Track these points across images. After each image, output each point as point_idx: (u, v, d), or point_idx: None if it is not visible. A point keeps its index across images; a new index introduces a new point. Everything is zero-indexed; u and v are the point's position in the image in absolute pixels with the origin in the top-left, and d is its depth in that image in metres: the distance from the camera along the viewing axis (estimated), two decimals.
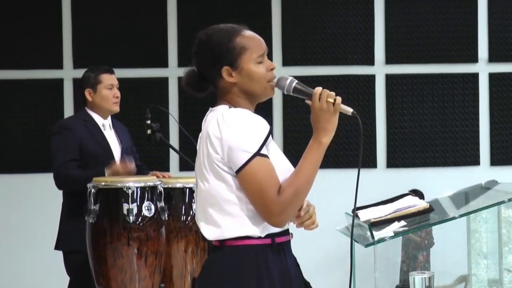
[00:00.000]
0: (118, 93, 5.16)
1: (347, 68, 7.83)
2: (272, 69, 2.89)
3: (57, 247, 5.08)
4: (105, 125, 5.14)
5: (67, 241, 4.99)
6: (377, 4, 7.86)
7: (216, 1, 7.73)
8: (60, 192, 5.11)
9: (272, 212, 2.72)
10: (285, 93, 2.91)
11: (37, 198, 7.49)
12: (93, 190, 4.75)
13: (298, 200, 2.78)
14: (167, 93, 7.69)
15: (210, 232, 2.81)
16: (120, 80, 5.34)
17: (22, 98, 7.64)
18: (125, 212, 4.73)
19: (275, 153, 2.83)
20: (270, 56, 2.95)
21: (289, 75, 2.93)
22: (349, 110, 2.86)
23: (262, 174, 2.72)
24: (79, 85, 5.17)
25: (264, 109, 6.92)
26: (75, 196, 4.94)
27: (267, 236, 2.79)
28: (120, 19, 7.75)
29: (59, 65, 7.62)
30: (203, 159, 2.80)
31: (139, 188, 4.76)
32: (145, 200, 4.80)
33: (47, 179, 5.36)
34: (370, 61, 7.85)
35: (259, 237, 2.78)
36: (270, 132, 2.79)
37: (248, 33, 2.90)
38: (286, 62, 7.72)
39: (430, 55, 7.87)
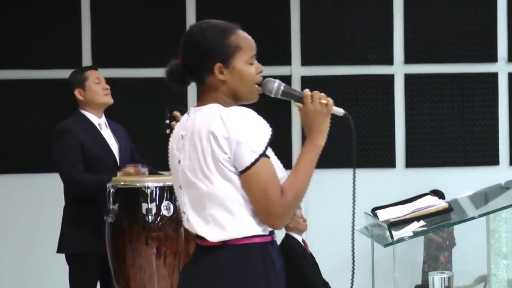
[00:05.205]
0: (106, 86, 5.12)
1: (366, 68, 7.81)
2: (260, 72, 2.87)
3: (59, 250, 5.06)
4: (101, 124, 5.09)
5: (70, 243, 4.97)
6: (396, 4, 7.85)
7: (235, 1, 7.74)
8: (62, 192, 5.09)
9: (274, 214, 2.73)
10: (272, 96, 2.88)
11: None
12: (112, 190, 4.75)
13: (298, 203, 2.82)
14: (186, 92, 7.70)
15: (214, 234, 2.74)
16: (140, 80, 5.35)
17: (41, 98, 7.68)
18: (144, 211, 4.72)
19: (271, 153, 2.79)
20: (288, 56, 2.95)
21: (308, 75, 2.92)
22: (340, 111, 2.88)
23: (267, 176, 2.71)
24: (68, 89, 5.11)
25: (283, 111, 6.94)
26: (77, 200, 4.93)
27: (269, 233, 2.79)
28: (139, 19, 7.78)
29: (78, 65, 7.63)
30: (204, 158, 2.72)
31: (158, 188, 4.75)
32: (164, 199, 4.78)
33: (52, 179, 5.36)
34: (389, 61, 7.84)
35: (262, 235, 2.77)
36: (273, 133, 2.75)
37: (242, 33, 2.87)
38: (305, 62, 7.67)
39: (449, 55, 7.85)
